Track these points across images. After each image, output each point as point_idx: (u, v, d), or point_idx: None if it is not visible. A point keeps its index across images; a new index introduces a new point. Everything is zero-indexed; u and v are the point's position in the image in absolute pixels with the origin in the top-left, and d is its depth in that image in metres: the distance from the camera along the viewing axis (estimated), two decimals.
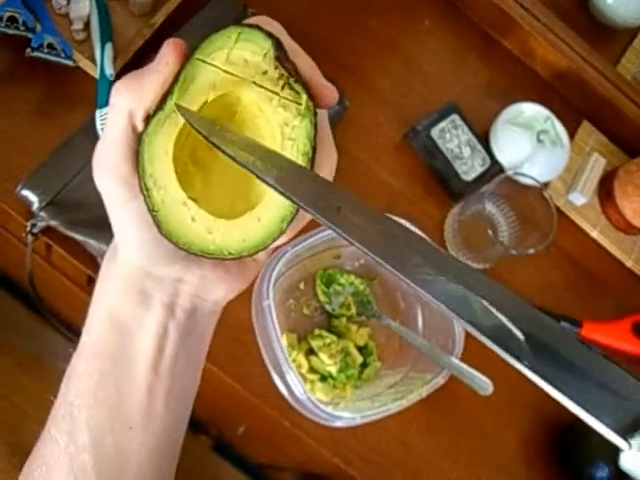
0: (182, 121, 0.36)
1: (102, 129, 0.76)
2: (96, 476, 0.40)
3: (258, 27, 0.36)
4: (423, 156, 0.95)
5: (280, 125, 0.37)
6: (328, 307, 0.84)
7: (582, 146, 1.04)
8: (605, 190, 1.03)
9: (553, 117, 0.97)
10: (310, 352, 0.81)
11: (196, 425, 1.65)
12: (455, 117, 0.95)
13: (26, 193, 0.77)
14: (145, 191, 0.36)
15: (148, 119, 0.36)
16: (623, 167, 1.02)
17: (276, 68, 0.37)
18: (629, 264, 1.04)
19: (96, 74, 0.81)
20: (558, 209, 0.99)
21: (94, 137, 0.78)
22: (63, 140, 0.79)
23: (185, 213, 0.37)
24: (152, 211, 0.37)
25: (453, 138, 0.94)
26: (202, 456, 1.75)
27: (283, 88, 0.37)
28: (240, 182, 0.40)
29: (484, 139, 0.97)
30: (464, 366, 0.76)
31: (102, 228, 0.76)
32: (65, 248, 0.81)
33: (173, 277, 0.41)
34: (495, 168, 0.95)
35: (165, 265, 0.40)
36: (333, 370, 0.79)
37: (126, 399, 0.41)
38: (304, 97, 0.37)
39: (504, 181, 0.89)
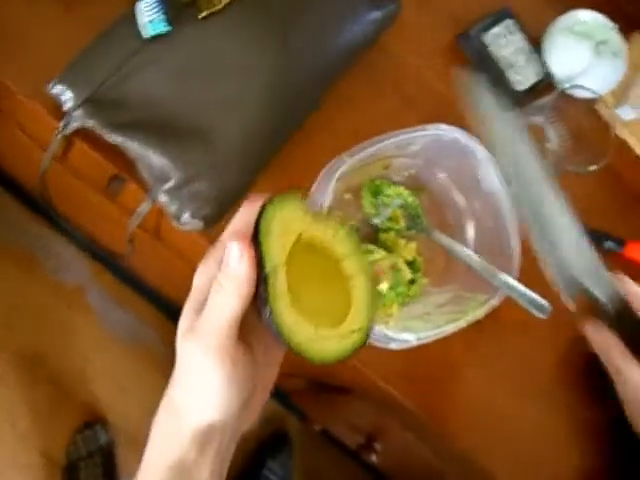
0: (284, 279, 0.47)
1: (148, 22, 0.70)
2: None
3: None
4: (475, 62, 0.90)
5: None
6: (375, 220, 0.80)
7: (635, 58, 0.99)
8: None
9: (615, 27, 0.92)
10: None
11: None
12: (510, 22, 0.89)
13: (59, 89, 0.70)
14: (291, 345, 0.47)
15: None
16: None
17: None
18: None
19: None
20: (605, 123, 0.95)
21: (135, 30, 0.71)
22: (99, 32, 0.72)
23: (313, 335, 0.48)
24: (295, 350, 0.47)
25: (507, 45, 0.88)
26: None
27: None
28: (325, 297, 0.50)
29: (538, 47, 0.91)
30: (521, 286, 0.73)
31: (145, 130, 0.71)
32: (94, 149, 0.76)
33: (236, 422, 0.51)
34: (549, 79, 0.90)
35: (237, 413, 0.50)
36: (384, 287, 0.76)
37: None
38: None
39: (559, 94, 0.85)
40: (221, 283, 0.47)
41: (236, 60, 0.72)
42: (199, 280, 0.50)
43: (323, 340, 0.48)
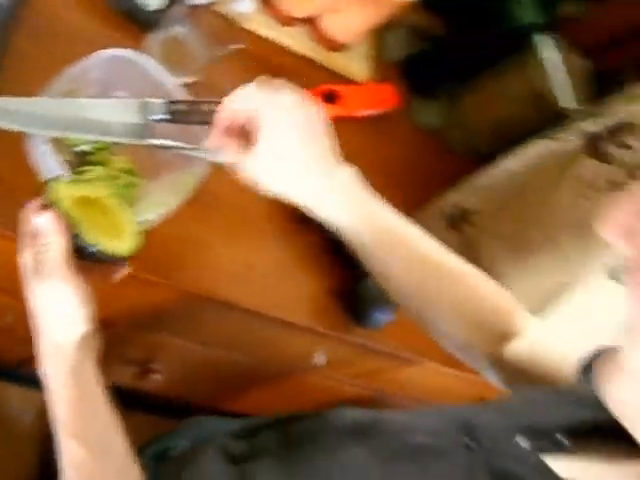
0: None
1: None
2: None
3: None
4: None
5: None
6: (83, 147, 0.94)
7: None
8: None
9: None
10: None
11: None
12: None
13: None
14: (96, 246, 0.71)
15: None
16: None
17: None
18: (299, 50, 1.28)
19: None
20: (231, 19, 1.16)
21: None
22: None
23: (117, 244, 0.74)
24: (111, 254, 0.73)
25: None
26: None
27: None
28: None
29: None
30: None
31: None
32: None
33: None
34: None
35: (94, 323, 0.72)
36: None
37: None
38: None
39: (185, 4, 1.04)
40: (45, 242, 0.69)
41: None
42: (25, 256, 0.71)
43: (118, 244, 0.74)
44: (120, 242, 0.75)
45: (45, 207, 0.70)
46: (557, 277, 1.17)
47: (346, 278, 1.16)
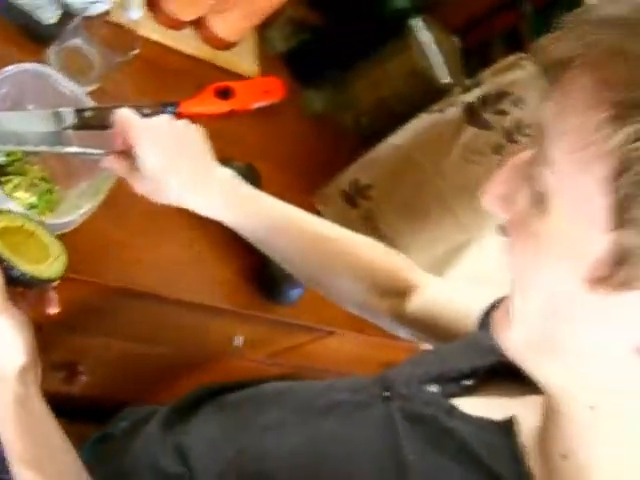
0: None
1: None
2: None
3: None
4: (3, 14, 1.08)
5: None
6: (0, 159, 0.97)
7: None
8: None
9: None
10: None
11: None
12: None
13: None
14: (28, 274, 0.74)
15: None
16: None
17: None
18: (190, 51, 1.34)
19: None
20: (125, 27, 1.20)
21: None
22: None
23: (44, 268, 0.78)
24: (42, 279, 0.77)
25: None
26: None
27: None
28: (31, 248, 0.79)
29: None
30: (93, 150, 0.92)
31: None
32: None
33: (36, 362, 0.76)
34: (69, 8, 1.11)
35: (35, 352, 0.74)
36: (34, 200, 0.95)
37: None
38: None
39: (80, 16, 1.08)
40: None
41: None
42: None
43: (49, 267, 0.78)
44: (49, 264, 0.79)
45: None
46: (453, 240, 1.27)
47: (256, 258, 1.20)
